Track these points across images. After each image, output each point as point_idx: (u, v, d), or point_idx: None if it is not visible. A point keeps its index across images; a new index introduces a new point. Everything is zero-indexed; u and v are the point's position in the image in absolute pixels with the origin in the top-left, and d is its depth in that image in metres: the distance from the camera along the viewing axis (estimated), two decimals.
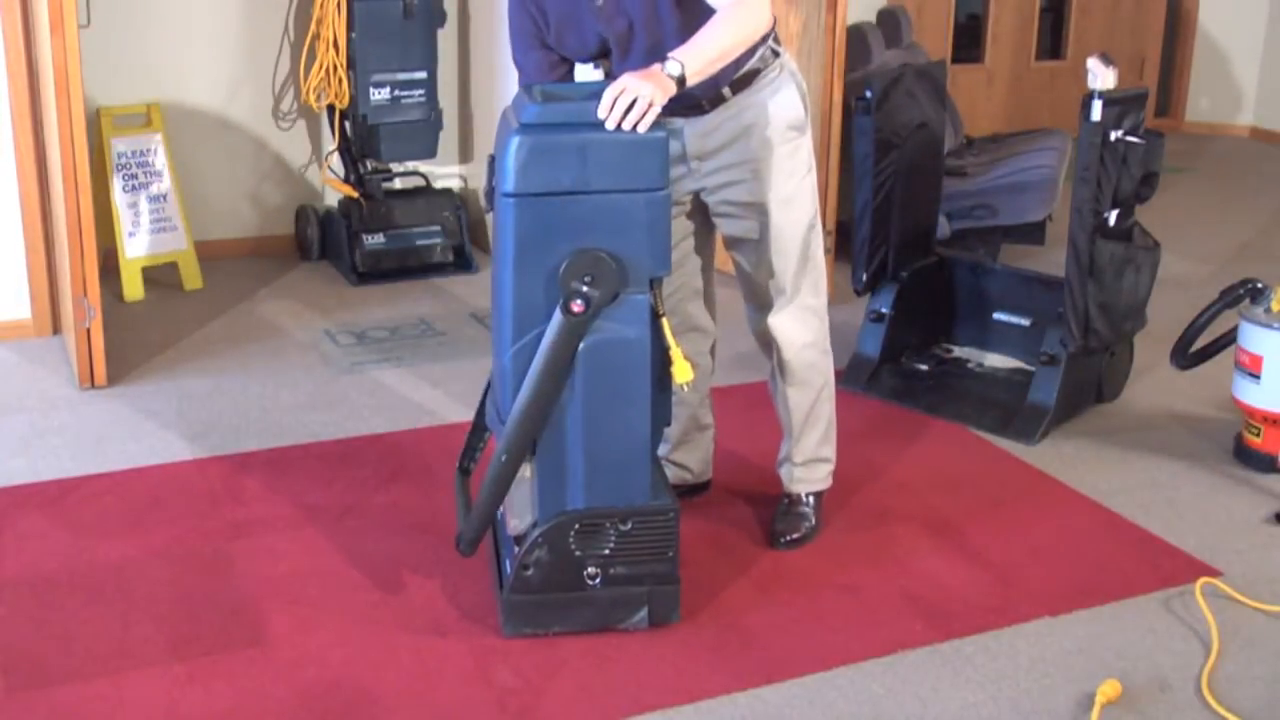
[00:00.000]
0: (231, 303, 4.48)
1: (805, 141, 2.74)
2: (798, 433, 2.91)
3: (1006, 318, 3.95)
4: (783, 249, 2.73)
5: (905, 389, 3.81)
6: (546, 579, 2.47)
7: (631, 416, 2.40)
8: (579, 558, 2.47)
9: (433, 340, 4.17)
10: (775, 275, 2.75)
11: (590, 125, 2.29)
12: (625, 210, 2.31)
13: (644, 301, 2.36)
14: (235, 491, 3.11)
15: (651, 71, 2.32)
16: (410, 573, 2.76)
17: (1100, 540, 2.99)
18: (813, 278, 2.79)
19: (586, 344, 2.34)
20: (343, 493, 3.11)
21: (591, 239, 2.30)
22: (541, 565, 2.47)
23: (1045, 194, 4.89)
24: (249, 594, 2.66)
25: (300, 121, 5.01)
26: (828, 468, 2.98)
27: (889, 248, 3.83)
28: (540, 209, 2.30)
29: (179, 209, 4.56)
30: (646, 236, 2.33)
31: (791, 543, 2.90)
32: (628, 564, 2.48)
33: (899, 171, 3.77)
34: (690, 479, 3.09)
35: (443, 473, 3.10)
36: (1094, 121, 3.28)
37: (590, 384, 2.36)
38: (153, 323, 4.27)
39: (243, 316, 4.37)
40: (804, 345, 2.83)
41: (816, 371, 2.87)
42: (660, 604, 2.53)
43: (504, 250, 2.35)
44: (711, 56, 2.39)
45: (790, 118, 2.69)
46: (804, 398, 2.88)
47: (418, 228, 4.83)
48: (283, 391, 3.72)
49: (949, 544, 2.95)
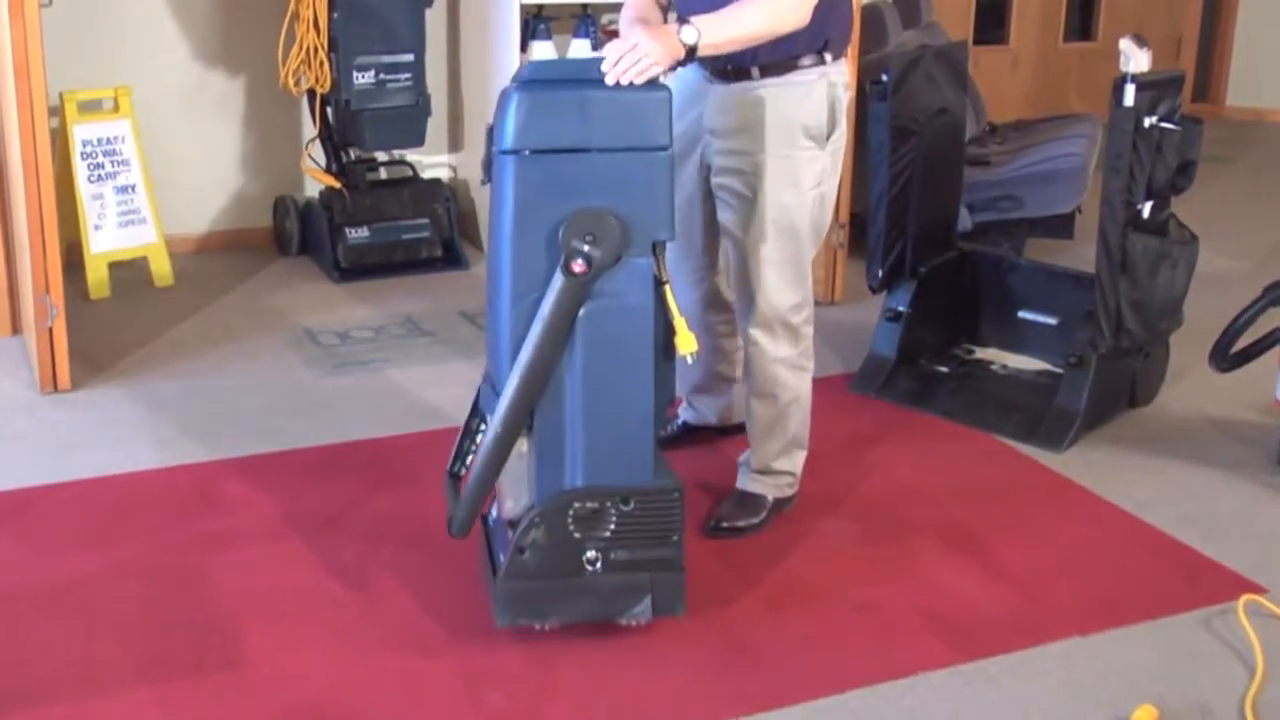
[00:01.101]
0: (205, 300, 4.48)
1: (823, 156, 2.79)
2: (757, 442, 2.98)
3: (1032, 316, 3.96)
4: (768, 256, 2.79)
5: (924, 392, 3.81)
6: (543, 563, 2.47)
7: (633, 388, 2.42)
8: (578, 540, 2.47)
9: (420, 340, 4.17)
10: (756, 280, 2.82)
11: (592, 82, 2.37)
12: (627, 169, 2.36)
13: (647, 266, 2.39)
14: (209, 501, 3.11)
15: (666, 31, 2.43)
16: (397, 587, 2.76)
17: (1134, 554, 2.99)
18: (797, 295, 2.84)
19: (587, 310, 2.37)
20: (324, 502, 3.11)
21: (593, 198, 2.34)
22: (538, 547, 2.46)
23: (1074, 184, 4.90)
24: (224, 611, 2.66)
25: (279, 108, 5.01)
26: (787, 479, 3.03)
27: (906, 242, 3.83)
28: (540, 166, 2.35)
29: (148, 200, 4.56)
30: (649, 197, 2.37)
31: (723, 530, 2.93)
32: (629, 548, 2.48)
33: (917, 160, 3.78)
34: (711, 422, 3.32)
35: (431, 480, 3.10)
36: (1126, 107, 3.28)
37: (590, 352, 2.38)
38: (120, 322, 4.27)
39: (217, 315, 4.37)
40: (774, 359, 2.88)
41: (784, 388, 2.92)
42: (664, 593, 2.52)
43: (502, 212, 2.39)
44: (732, 35, 2.52)
45: (810, 124, 2.75)
46: (766, 411, 2.94)
47: (404, 221, 4.83)
48: (260, 395, 3.72)
49: (971, 558, 2.95)
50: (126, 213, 4.53)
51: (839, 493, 3.22)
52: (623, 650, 2.57)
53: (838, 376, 3.93)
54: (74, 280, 4.36)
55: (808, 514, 3.10)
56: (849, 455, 3.42)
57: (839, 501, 3.18)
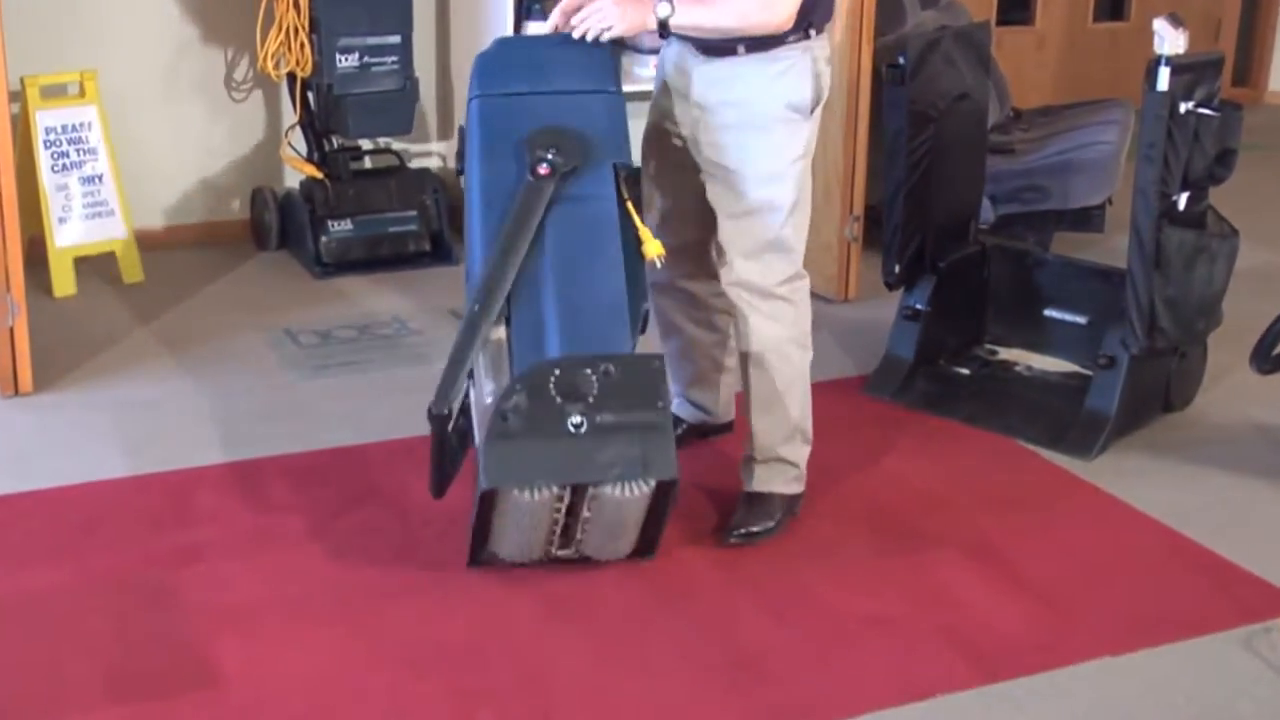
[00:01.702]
0: (177, 298, 4.49)
1: (807, 126, 2.93)
2: (757, 421, 3.03)
3: (1060, 315, 3.96)
4: (756, 228, 2.91)
5: (943, 396, 3.82)
6: (527, 424, 2.58)
7: (604, 268, 2.71)
8: (560, 405, 2.58)
9: (408, 340, 4.17)
10: (746, 253, 2.93)
11: (544, 43, 2.87)
12: (581, 102, 2.83)
13: (607, 172, 2.78)
14: (181, 512, 3.12)
15: (644, 1, 2.71)
16: (383, 604, 2.76)
17: (1169, 568, 3.00)
18: (789, 268, 2.95)
19: (553, 211, 2.72)
20: (305, 513, 3.11)
21: (552, 120, 2.78)
22: (520, 411, 2.57)
23: (1104, 174, 4.89)
24: (198, 628, 2.66)
25: (256, 92, 5.02)
26: (794, 471, 3.08)
27: (925, 235, 3.83)
28: (503, 103, 2.84)
29: (116, 192, 4.57)
30: (606, 123, 2.82)
31: (746, 536, 3.00)
32: (614, 411, 2.59)
33: (937, 149, 3.78)
34: (708, 419, 3.42)
35: (418, 490, 3.10)
36: (1161, 91, 3.28)
37: (560, 248, 2.72)
38: (86, 321, 4.28)
39: (190, 314, 4.37)
40: (767, 334, 2.96)
41: (782, 360, 2.99)
42: (655, 454, 2.60)
43: (471, 145, 2.83)
44: (703, 21, 2.76)
45: (794, 98, 2.89)
46: (764, 383, 3.00)
47: (390, 213, 4.83)
48: (236, 399, 3.73)
49: (994, 571, 2.95)
50: (93, 205, 4.53)
51: (853, 501, 3.23)
52: (622, 667, 2.57)
53: (852, 379, 3.94)
54: (37, 276, 4.36)
55: (819, 524, 3.11)
56: (863, 462, 3.43)
57: (852, 511, 3.19)
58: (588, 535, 2.77)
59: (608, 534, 2.77)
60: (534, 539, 2.75)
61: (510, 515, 2.68)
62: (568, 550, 2.82)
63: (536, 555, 2.81)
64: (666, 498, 2.69)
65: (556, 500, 2.64)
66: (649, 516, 2.75)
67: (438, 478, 2.92)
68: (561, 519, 2.71)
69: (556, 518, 2.70)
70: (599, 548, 2.82)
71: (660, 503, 2.70)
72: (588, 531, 2.75)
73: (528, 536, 2.74)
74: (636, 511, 2.71)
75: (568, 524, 2.73)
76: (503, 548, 2.79)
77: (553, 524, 2.72)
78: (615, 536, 2.79)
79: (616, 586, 2.83)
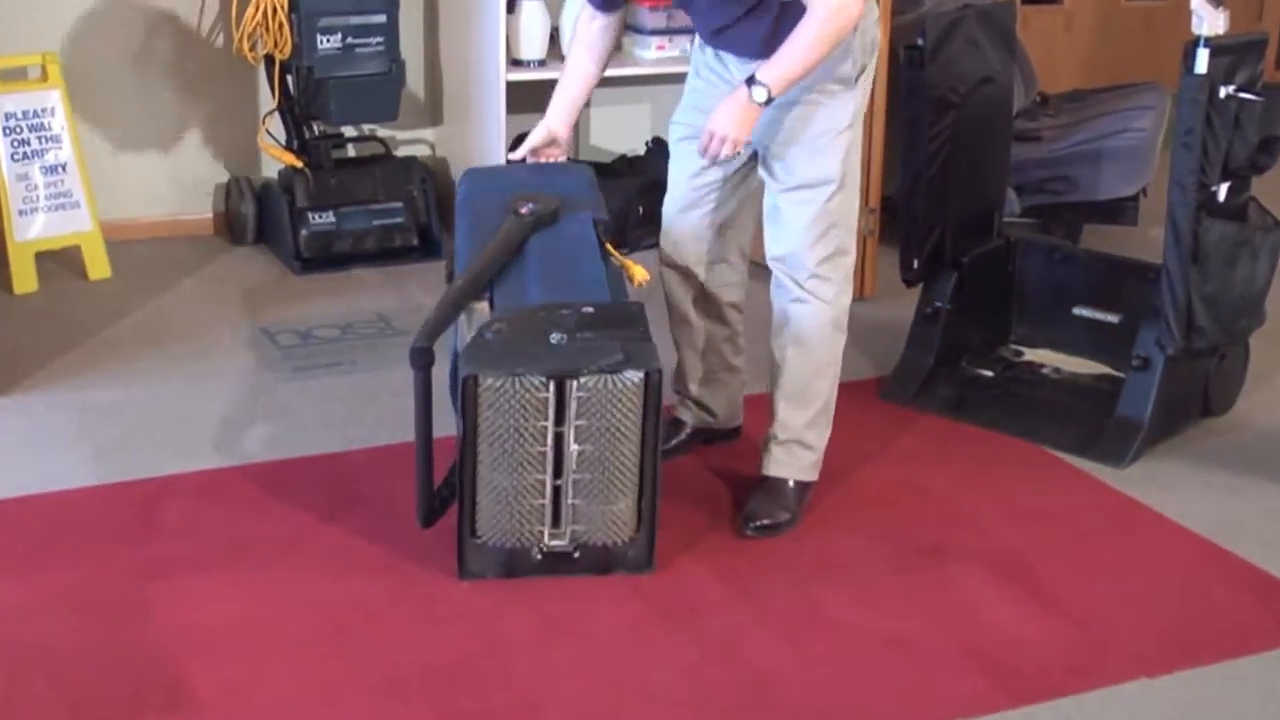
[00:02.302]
0: (146, 296, 4.49)
1: (850, 96, 3.01)
2: (785, 402, 3.13)
3: (1090, 313, 3.96)
4: (803, 202, 3.01)
5: (965, 400, 3.82)
6: (508, 342, 2.76)
7: (586, 264, 2.99)
8: (542, 327, 2.78)
9: (393, 341, 4.17)
10: (793, 230, 3.03)
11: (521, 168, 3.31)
12: (562, 178, 3.26)
13: (587, 217, 3.11)
14: (151, 523, 3.11)
15: (736, 101, 2.86)
16: (366, 623, 2.75)
17: (1208, 584, 2.99)
18: (831, 241, 3.03)
19: (535, 235, 3.04)
20: (283, 525, 3.11)
21: (535, 187, 3.18)
22: (502, 334, 2.78)
23: (1138, 163, 4.89)
24: (168, 648, 2.66)
25: (232, 76, 5.02)
26: (812, 457, 3.18)
27: (945, 229, 3.84)
28: (489, 175, 3.57)
29: (82, 182, 4.56)
30: (586, 191, 3.24)
31: (762, 529, 3.09)
32: (595, 329, 2.79)
33: (958, 136, 3.78)
34: (713, 422, 3.45)
35: (404, 501, 3.10)
36: (1199, 74, 3.28)
37: (542, 249, 3.01)
38: (50, 320, 4.28)
39: (160, 312, 4.37)
40: (812, 312, 3.06)
41: (824, 342, 3.11)
42: (637, 350, 2.76)
43: (460, 212, 3.26)
44: (797, 72, 2.83)
45: (836, 69, 2.95)
46: (802, 362, 3.11)
47: (375, 204, 4.84)
48: (210, 403, 3.72)
49: (1020, 588, 2.95)
50: (56, 196, 4.53)
51: (869, 513, 3.23)
52: (621, 690, 2.56)
53: (868, 381, 3.93)
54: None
55: (832, 536, 3.11)
56: (880, 471, 3.42)
57: (869, 523, 3.18)
58: (580, 488, 2.80)
59: (601, 484, 2.80)
60: (521, 484, 2.78)
61: (492, 423, 2.74)
62: (560, 539, 2.84)
63: (526, 539, 2.84)
64: (655, 404, 2.76)
65: (539, 391, 2.72)
66: (643, 447, 2.80)
67: (426, 501, 2.96)
68: (550, 429, 2.76)
69: (543, 427, 2.75)
70: (593, 518, 2.83)
71: (650, 408, 2.76)
72: (580, 477, 2.79)
73: (514, 480, 2.77)
74: (628, 421, 2.76)
75: (558, 450, 2.77)
76: (487, 513, 2.81)
77: (540, 452, 2.76)
78: (610, 489, 2.81)
79: (615, 604, 2.83)
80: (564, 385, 2.73)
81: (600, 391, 2.74)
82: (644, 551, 2.91)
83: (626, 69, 4.83)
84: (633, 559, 2.91)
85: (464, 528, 2.84)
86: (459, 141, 5.14)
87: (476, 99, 4.89)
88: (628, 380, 2.74)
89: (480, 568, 2.88)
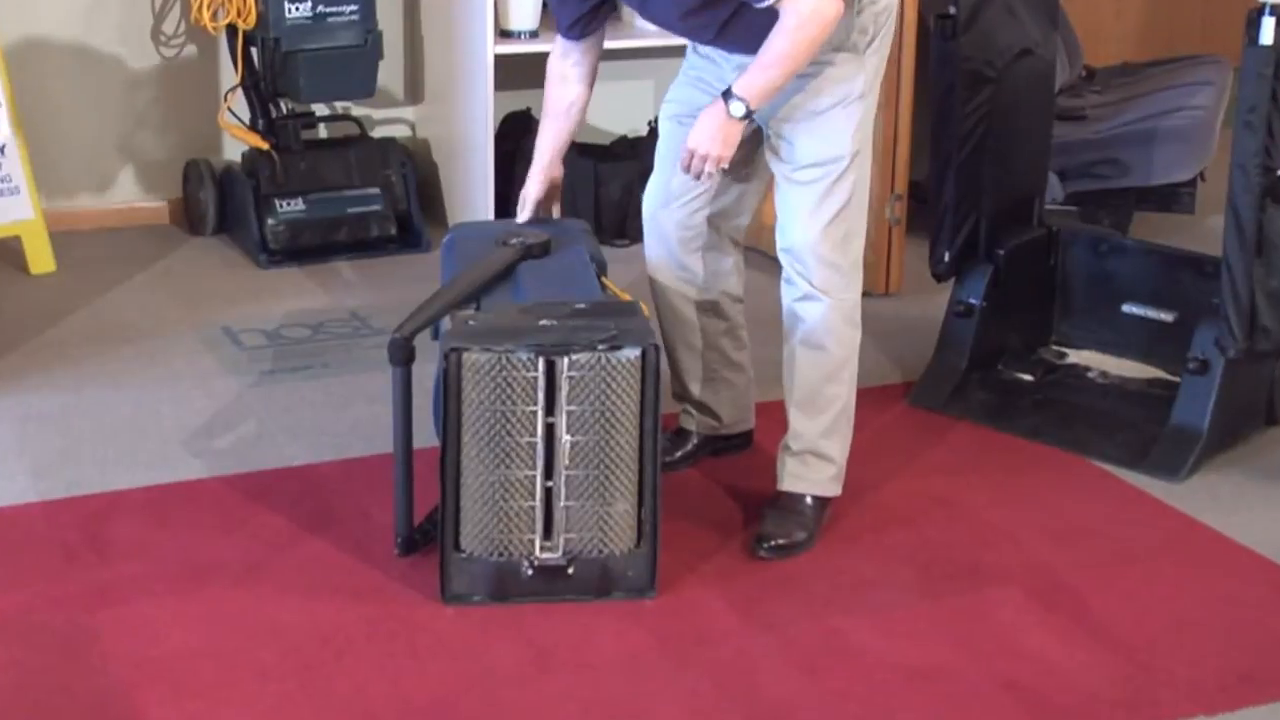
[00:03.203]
0: (95, 291, 4.49)
1: (858, 63, 3.02)
2: (799, 408, 3.13)
3: (1141, 311, 3.96)
4: (809, 183, 3.02)
5: (1002, 406, 3.82)
6: (490, 327, 2.83)
7: (577, 274, 3.10)
8: (534, 314, 2.85)
9: (369, 341, 4.17)
10: (799, 212, 3.04)
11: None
12: (553, 228, 3.33)
13: (581, 249, 3.22)
14: (100, 544, 3.11)
15: (715, 117, 2.90)
16: (338, 655, 2.75)
17: (1274, 611, 2.99)
18: (841, 224, 3.04)
19: (523, 262, 3.15)
20: (246, 546, 3.11)
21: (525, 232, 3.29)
22: (486, 319, 2.89)
23: (1195, 144, 4.89)
24: (119, 682, 2.65)
25: (190, 48, 5.02)
26: (831, 470, 3.16)
27: (980, 217, 3.84)
28: (477, 226, 3.97)
29: (23, 167, 4.57)
30: (581, 238, 3.33)
31: (777, 549, 3.08)
32: (589, 319, 2.84)
33: (994, 114, 3.78)
34: (719, 428, 3.45)
35: (380, 518, 3.10)
36: (1264, 46, 3.27)
37: (532, 272, 3.10)
38: None
39: (111, 310, 4.37)
40: (824, 304, 3.05)
41: (837, 340, 3.10)
42: (631, 327, 2.81)
43: (444, 264, 3.36)
44: (775, 82, 2.88)
45: (843, 40, 2.97)
46: (813, 363, 3.11)
47: (349, 190, 4.85)
48: (166, 409, 3.73)
49: (1064, 614, 2.95)
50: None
51: (894, 531, 3.23)
52: None
53: (894, 386, 3.94)
54: None
55: (855, 557, 3.11)
56: (907, 485, 3.43)
57: (895, 542, 3.19)
58: (573, 486, 2.80)
59: (596, 481, 2.80)
60: (509, 480, 2.78)
61: (477, 407, 2.76)
62: (553, 551, 2.85)
63: (516, 550, 2.84)
64: (653, 387, 2.79)
65: (528, 370, 2.75)
66: (642, 438, 2.81)
67: (405, 520, 2.97)
68: (540, 417, 2.77)
69: (532, 412, 2.77)
70: (589, 524, 2.83)
71: (648, 391, 2.79)
72: (573, 474, 2.79)
73: (501, 476, 2.77)
74: (624, 406, 2.77)
75: (549, 444, 2.79)
76: (472, 519, 2.81)
77: (529, 443, 2.78)
78: (606, 487, 2.81)
79: (613, 632, 2.83)
80: (554, 365, 2.76)
81: (594, 371, 2.76)
82: (645, 572, 2.91)
83: (626, 41, 4.82)
84: (633, 580, 2.91)
85: (447, 541, 2.84)
86: (442, 121, 5.15)
87: (461, 74, 4.89)
88: (623, 358, 2.76)
89: (466, 588, 2.88)
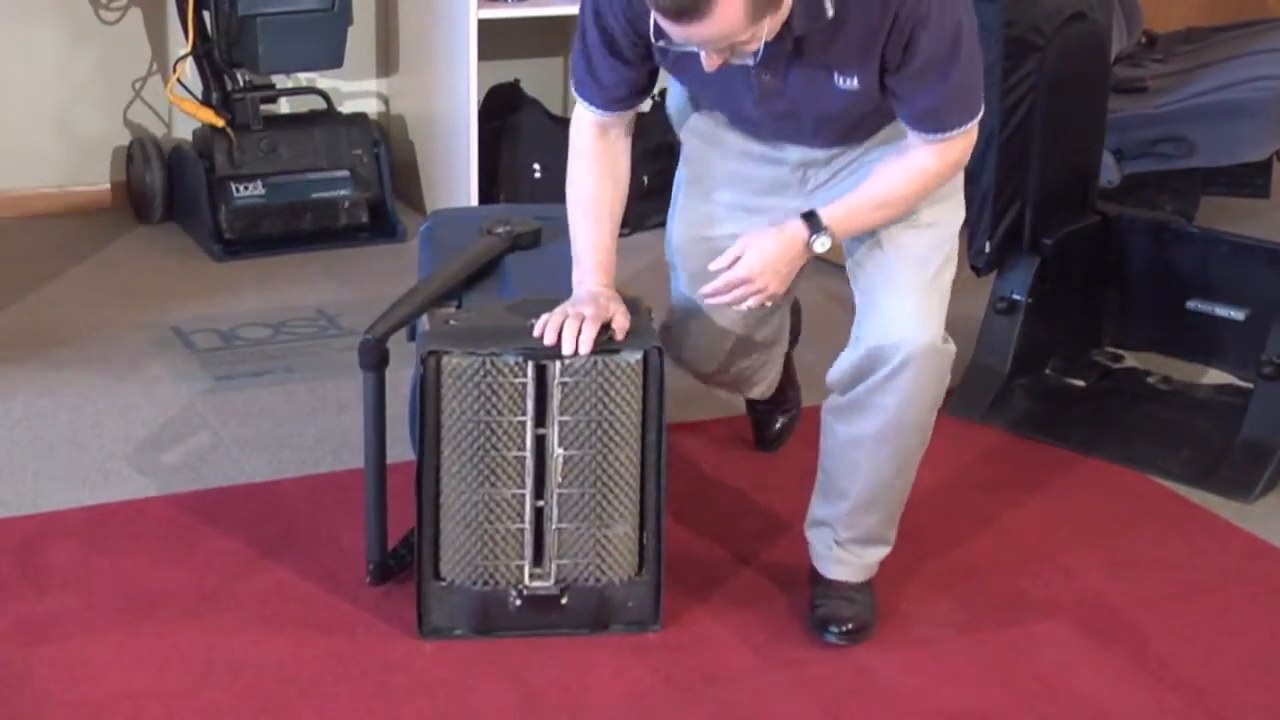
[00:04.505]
0: (26, 286, 4.50)
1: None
2: (859, 503, 2.93)
3: (1209, 308, 3.96)
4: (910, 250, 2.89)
5: (1050, 416, 3.83)
6: (476, 325, 2.85)
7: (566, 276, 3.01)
8: (522, 313, 2.85)
9: (337, 342, 4.18)
10: (903, 291, 2.89)
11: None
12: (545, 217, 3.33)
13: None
14: (32, 572, 3.11)
15: (787, 246, 2.76)
16: (301, 697, 2.76)
17: None
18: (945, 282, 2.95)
19: (510, 255, 3.19)
20: (199, 573, 3.11)
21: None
22: (469, 319, 2.90)
23: (1270, 121, 4.89)
24: None
25: (134, 11, 5.03)
26: (884, 551, 3.02)
27: (1025, 203, 3.85)
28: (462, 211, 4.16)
29: None
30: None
31: (849, 635, 2.93)
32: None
33: (1042, 86, 3.78)
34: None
35: (350, 541, 3.11)
36: None
37: (519, 268, 3.13)
38: None
39: (45, 307, 4.38)
40: (922, 405, 2.87)
41: (924, 432, 2.92)
42: (632, 330, 2.79)
43: (421, 254, 3.40)
44: (880, 223, 2.81)
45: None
46: (895, 462, 2.91)
47: (315, 173, 4.86)
48: (108, 419, 3.73)
49: (1119, 651, 2.95)
50: None
51: (930, 557, 3.23)
52: None
53: None
54: None
55: (885, 587, 3.10)
56: (945, 504, 3.43)
57: (930, 569, 3.19)
58: (567, 506, 2.80)
59: (593, 501, 2.80)
60: (494, 499, 2.79)
61: (459, 417, 2.76)
62: (544, 579, 2.85)
63: (502, 577, 2.84)
64: (656, 395, 2.79)
65: (516, 375, 2.74)
66: (644, 452, 2.81)
67: (378, 545, 2.98)
68: (530, 428, 2.77)
69: (521, 423, 2.76)
70: (584, 548, 2.83)
71: (651, 399, 2.79)
72: (566, 492, 2.79)
73: (486, 495, 2.78)
74: (624, 415, 2.77)
75: (539, 458, 2.79)
76: (454, 543, 2.82)
77: (517, 457, 2.78)
78: (604, 508, 2.81)
79: (612, 669, 2.83)
80: (545, 371, 2.75)
81: (589, 376, 2.74)
82: (648, 603, 2.91)
83: None
84: (634, 612, 2.91)
85: (425, 569, 2.84)
86: (418, 95, 5.15)
87: (440, 42, 4.90)
88: (623, 362, 2.75)
89: (446, 621, 2.88)
